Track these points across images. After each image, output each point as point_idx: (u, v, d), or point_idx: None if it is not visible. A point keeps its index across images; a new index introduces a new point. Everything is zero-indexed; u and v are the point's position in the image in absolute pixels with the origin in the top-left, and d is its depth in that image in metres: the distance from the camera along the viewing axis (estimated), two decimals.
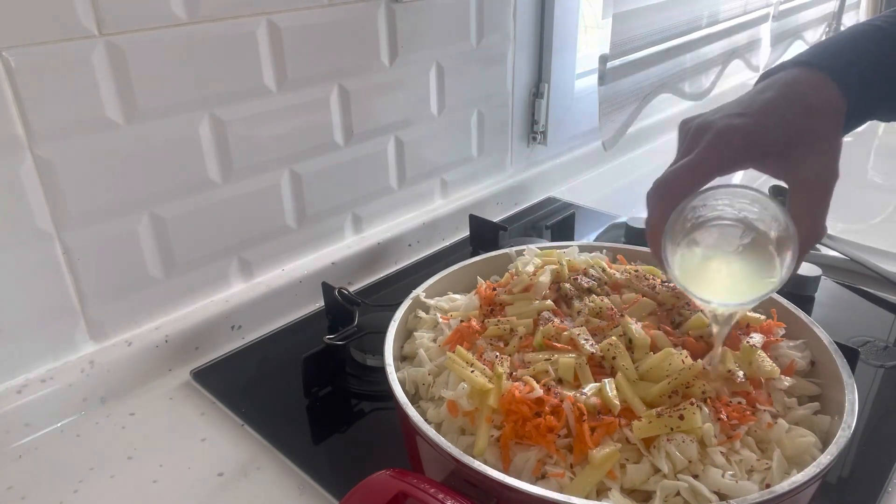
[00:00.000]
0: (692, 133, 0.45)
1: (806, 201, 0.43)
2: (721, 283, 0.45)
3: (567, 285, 0.59)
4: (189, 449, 0.62)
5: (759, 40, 1.52)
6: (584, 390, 0.47)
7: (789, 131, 0.43)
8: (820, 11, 1.76)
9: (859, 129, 0.49)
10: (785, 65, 0.46)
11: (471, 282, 0.65)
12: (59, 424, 0.65)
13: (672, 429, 0.44)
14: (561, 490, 0.43)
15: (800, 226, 0.42)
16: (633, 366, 0.49)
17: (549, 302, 0.57)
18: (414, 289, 0.62)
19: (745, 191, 0.44)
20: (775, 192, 1.01)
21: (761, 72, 0.50)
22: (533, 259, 0.64)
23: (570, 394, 0.47)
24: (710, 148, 0.43)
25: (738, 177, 1.01)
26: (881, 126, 1.51)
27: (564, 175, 1.21)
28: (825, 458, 0.43)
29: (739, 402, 0.47)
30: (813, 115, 0.43)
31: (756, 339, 0.52)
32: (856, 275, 0.88)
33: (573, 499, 0.40)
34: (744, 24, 1.41)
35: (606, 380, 0.48)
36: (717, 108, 0.46)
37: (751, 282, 0.44)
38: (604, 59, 1.04)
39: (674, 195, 0.44)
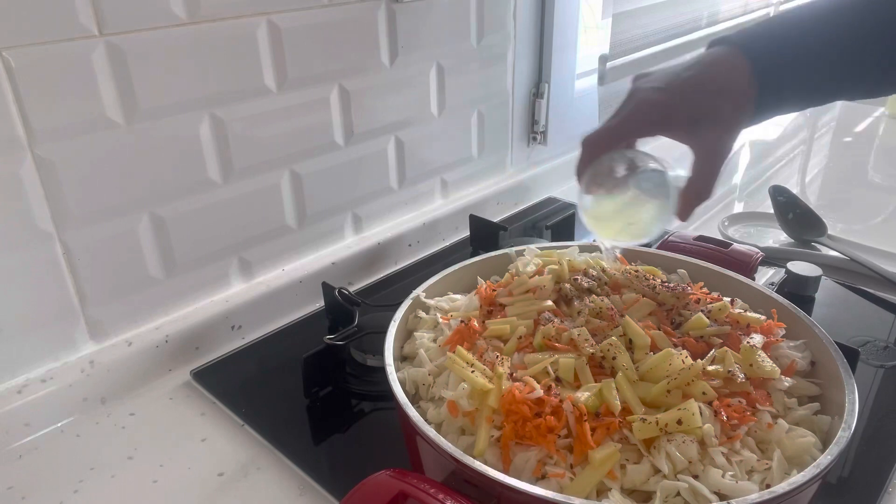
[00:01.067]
0: (627, 93, 0.53)
1: (700, 168, 0.51)
2: (617, 226, 0.57)
3: (567, 285, 0.59)
4: (189, 449, 0.62)
5: None
6: (584, 391, 0.47)
7: (697, 110, 0.50)
8: None
9: (858, 128, 0.51)
10: (722, 39, 0.52)
11: (471, 282, 0.65)
12: (59, 424, 0.65)
13: (669, 425, 0.44)
14: (561, 490, 0.43)
15: (691, 185, 0.51)
16: (634, 366, 0.49)
17: (549, 302, 0.57)
18: (414, 289, 0.62)
19: (647, 156, 0.54)
20: (775, 193, 1.02)
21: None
22: (533, 259, 0.64)
23: (571, 394, 0.47)
24: (629, 116, 0.52)
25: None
26: (881, 126, 1.51)
27: (564, 175, 1.21)
28: (825, 459, 0.42)
29: (739, 402, 0.47)
30: (721, 94, 0.50)
31: (756, 339, 0.52)
32: (856, 275, 0.88)
33: (573, 499, 0.40)
34: (744, 24, 1.41)
35: (607, 380, 0.48)
36: (660, 71, 0.53)
37: (639, 226, 0.55)
38: (604, 59, 1.04)
39: (597, 149, 0.53)
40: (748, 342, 0.51)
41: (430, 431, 0.45)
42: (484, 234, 0.94)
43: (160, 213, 0.69)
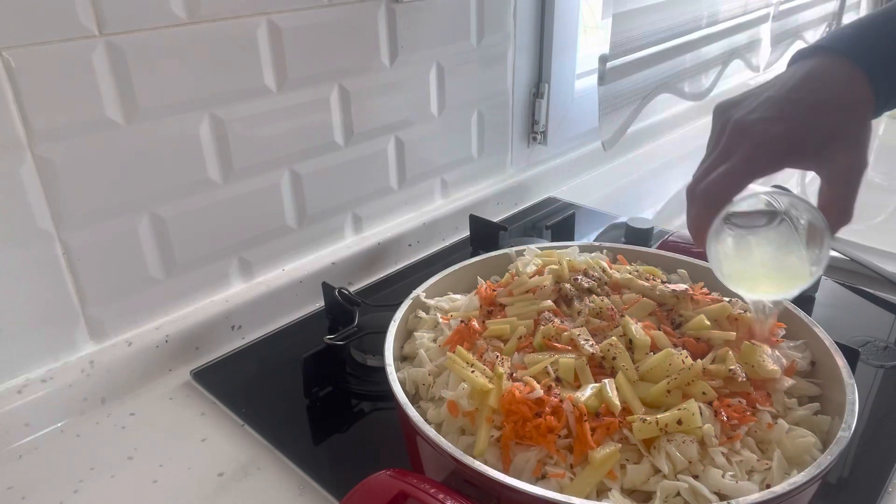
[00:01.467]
0: (729, 132, 0.47)
1: (837, 191, 0.45)
2: (765, 278, 0.50)
3: (567, 285, 0.59)
4: (189, 449, 0.62)
5: (759, 40, 1.52)
6: (584, 391, 0.47)
7: (824, 132, 0.45)
8: (820, 11, 1.76)
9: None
10: (817, 49, 0.48)
11: (471, 282, 0.65)
12: (59, 424, 0.65)
13: (669, 425, 0.44)
14: (561, 490, 0.43)
15: (830, 213, 0.45)
16: (634, 366, 0.49)
17: (549, 302, 0.57)
18: (414, 289, 0.62)
19: (778, 192, 0.48)
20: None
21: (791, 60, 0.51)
22: (533, 259, 0.64)
23: (571, 394, 0.47)
24: (750, 156, 0.45)
25: None
26: (881, 126, 1.51)
27: (564, 175, 1.21)
28: (825, 459, 0.43)
29: (739, 402, 0.47)
30: (844, 111, 0.45)
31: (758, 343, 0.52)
32: (856, 275, 0.88)
33: (573, 499, 0.40)
34: (744, 24, 1.41)
35: (607, 380, 0.48)
36: (751, 96, 0.48)
37: (791, 273, 0.48)
38: (604, 59, 1.04)
39: (718, 201, 0.46)
40: (751, 341, 0.51)
41: (430, 431, 0.45)
42: (484, 234, 0.94)
43: (160, 213, 0.69)
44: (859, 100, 0.46)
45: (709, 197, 0.46)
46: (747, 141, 0.46)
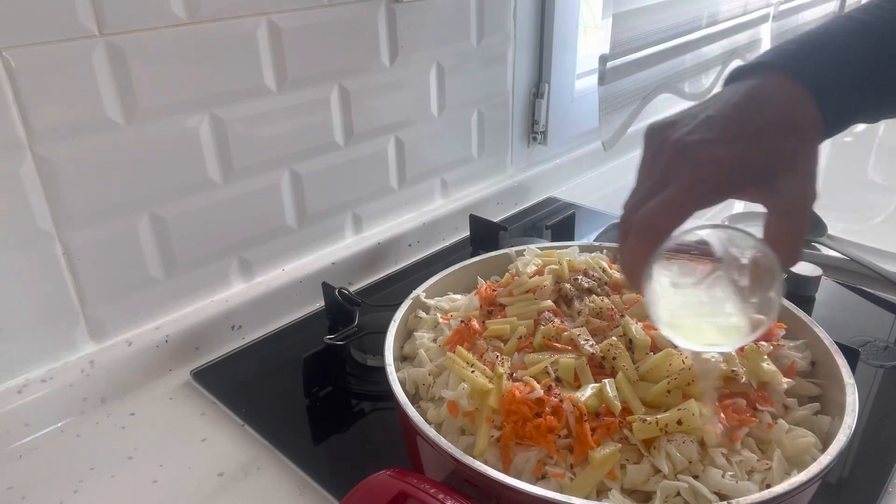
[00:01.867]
0: (668, 156, 0.41)
1: (787, 226, 0.41)
2: (706, 325, 0.43)
3: (567, 285, 0.59)
4: (189, 449, 0.62)
5: (760, 40, 1.52)
6: (584, 391, 0.47)
7: (773, 158, 0.40)
8: (820, 11, 1.75)
9: (858, 128, 0.48)
10: (760, 66, 0.43)
11: (471, 282, 0.65)
12: (59, 424, 0.65)
13: (669, 425, 0.44)
14: (561, 490, 0.43)
15: (779, 250, 0.40)
16: (634, 366, 0.49)
17: (549, 302, 0.57)
18: (414, 289, 0.62)
19: (722, 229, 0.43)
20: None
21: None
22: (533, 259, 0.64)
23: (571, 394, 0.47)
24: (692, 183, 0.39)
25: None
26: (881, 126, 1.51)
27: (564, 175, 1.21)
28: (825, 459, 0.43)
29: (736, 403, 0.47)
30: (794, 135, 0.40)
31: (763, 347, 0.52)
32: (856, 275, 0.88)
33: (573, 499, 0.40)
34: (744, 24, 1.41)
35: (607, 380, 0.48)
36: (688, 116, 0.42)
37: (739, 321, 0.42)
38: (604, 59, 1.04)
39: (656, 235, 0.40)
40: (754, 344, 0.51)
41: (430, 431, 0.45)
42: (484, 234, 0.94)
43: (160, 213, 0.69)
44: (809, 122, 0.41)
45: (646, 229, 0.40)
46: (689, 165, 0.40)
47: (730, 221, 1.04)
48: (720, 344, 0.44)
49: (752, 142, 0.40)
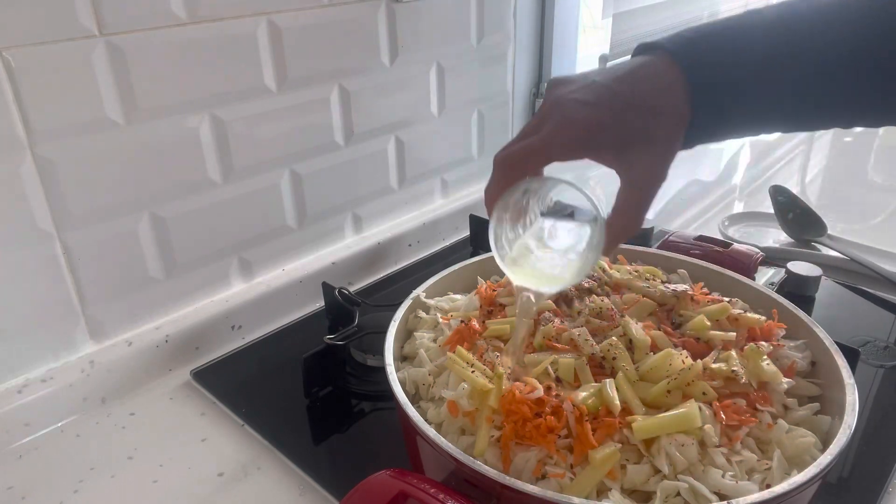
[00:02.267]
0: (545, 107, 0.45)
1: (629, 198, 0.44)
2: (535, 266, 0.49)
3: None
4: (189, 449, 0.62)
5: None
6: (584, 391, 0.47)
7: (629, 131, 0.43)
8: None
9: (858, 128, 0.48)
10: (656, 46, 0.45)
11: (471, 282, 0.65)
12: (59, 424, 0.65)
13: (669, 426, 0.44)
14: (561, 490, 0.43)
15: (619, 217, 0.44)
16: (634, 366, 0.49)
17: (549, 302, 0.57)
18: (414, 289, 0.62)
19: (565, 185, 0.47)
20: (775, 193, 1.01)
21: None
22: None
23: (571, 394, 0.47)
24: (553, 134, 0.43)
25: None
26: None
27: (561, 180, 1.20)
28: (825, 459, 0.42)
29: (736, 402, 0.47)
30: (655, 116, 0.43)
31: (764, 346, 0.52)
32: (856, 275, 0.88)
33: (573, 499, 0.40)
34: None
35: (607, 380, 0.48)
36: (582, 77, 0.45)
37: (560, 268, 0.48)
38: (604, 59, 1.04)
39: (512, 171, 0.45)
40: (754, 344, 0.51)
41: (430, 431, 0.45)
42: (484, 234, 0.93)
43: (160, 213, 0.69)
44: (675, 110, 0.43)
45: (506, 164, 0.45)
46: (556, 119, 0.44)
47: (729, 222, 1.04)
48: (538, 284, 0.49)
49: (614, 112, 0.43)
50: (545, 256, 0.49)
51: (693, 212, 1.10)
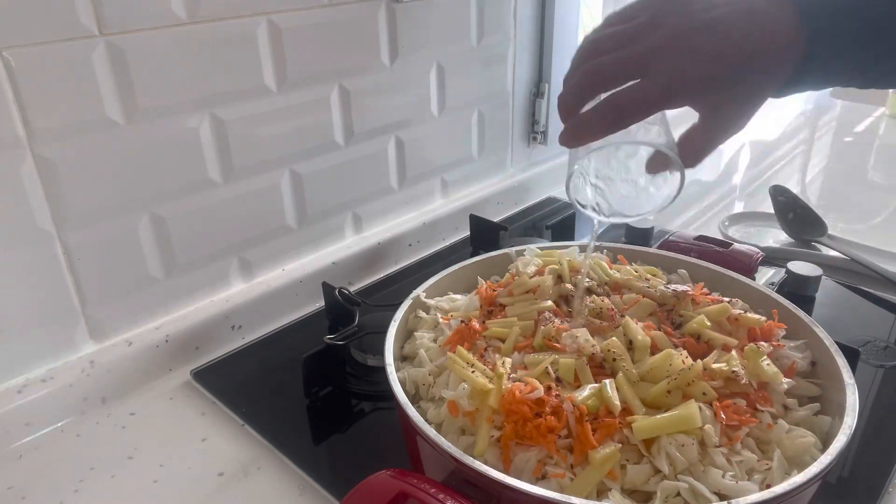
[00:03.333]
0: (661, 35, 0.42)
1: (705, 137, 0.45)
2: (616, 196, 0.51)
3: (567, 285, 0.59)
4: (189, 449, 0.62)
5: None
6: (584, 391, 0.47)
7: (736, 91, 0.42)
8: None
9: (858, 128, 0.48)
10: None
11: (471, 282, 0.65)
12: (59, 424, 0.65)
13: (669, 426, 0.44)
14: (561, 490, 0.43)
15: (687, 148, 0.45)
16: (634, 366, 0.49)
17: (549, 302, 0.57)
18: (414, 289, 0.62)
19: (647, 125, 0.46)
20: (776, 193, 1.02)
21: None
22: (533, 259, 0.64)
23: (571, 394, 0.47)
24: (665, 92, 0.41)
25: None
26: (881, 126, 1.51)
27: (565, 175, 1.20)
28: (825, 459, 0.42)
29: (736, 403, 0.47)
30: (767, 74, 0.42)
31: (765, 346, 0.52)
32: (856, 275, 0.88)
33: (573, 499, 0.40)
34: None
35: (607, 380, 0.48)
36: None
37: (637, 201, 0.51)
38: None
39: (604, 80, 0.43)
40: (755, 344, 0.51)
41: (431, 431, 0.45)
42: (484, 234, 0.94)
43: (160, 213, 0.69)
44: (787, 66, 0.41)
45: (615, 111, 0.42)
46: (670, 68, 0.41)
47: (729, 222, 1.04)
48: (620, 215, 0.52)
49: (733, 70, 0.41)
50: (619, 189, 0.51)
51: (693, 212, 1.10)
